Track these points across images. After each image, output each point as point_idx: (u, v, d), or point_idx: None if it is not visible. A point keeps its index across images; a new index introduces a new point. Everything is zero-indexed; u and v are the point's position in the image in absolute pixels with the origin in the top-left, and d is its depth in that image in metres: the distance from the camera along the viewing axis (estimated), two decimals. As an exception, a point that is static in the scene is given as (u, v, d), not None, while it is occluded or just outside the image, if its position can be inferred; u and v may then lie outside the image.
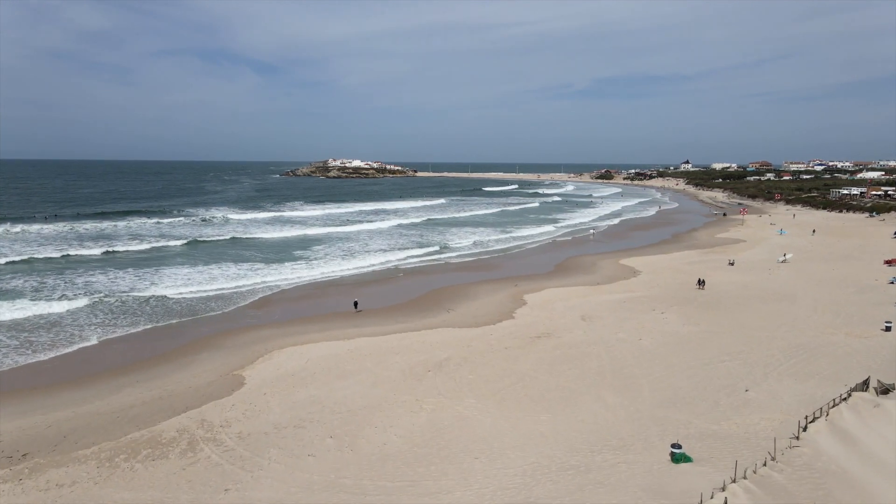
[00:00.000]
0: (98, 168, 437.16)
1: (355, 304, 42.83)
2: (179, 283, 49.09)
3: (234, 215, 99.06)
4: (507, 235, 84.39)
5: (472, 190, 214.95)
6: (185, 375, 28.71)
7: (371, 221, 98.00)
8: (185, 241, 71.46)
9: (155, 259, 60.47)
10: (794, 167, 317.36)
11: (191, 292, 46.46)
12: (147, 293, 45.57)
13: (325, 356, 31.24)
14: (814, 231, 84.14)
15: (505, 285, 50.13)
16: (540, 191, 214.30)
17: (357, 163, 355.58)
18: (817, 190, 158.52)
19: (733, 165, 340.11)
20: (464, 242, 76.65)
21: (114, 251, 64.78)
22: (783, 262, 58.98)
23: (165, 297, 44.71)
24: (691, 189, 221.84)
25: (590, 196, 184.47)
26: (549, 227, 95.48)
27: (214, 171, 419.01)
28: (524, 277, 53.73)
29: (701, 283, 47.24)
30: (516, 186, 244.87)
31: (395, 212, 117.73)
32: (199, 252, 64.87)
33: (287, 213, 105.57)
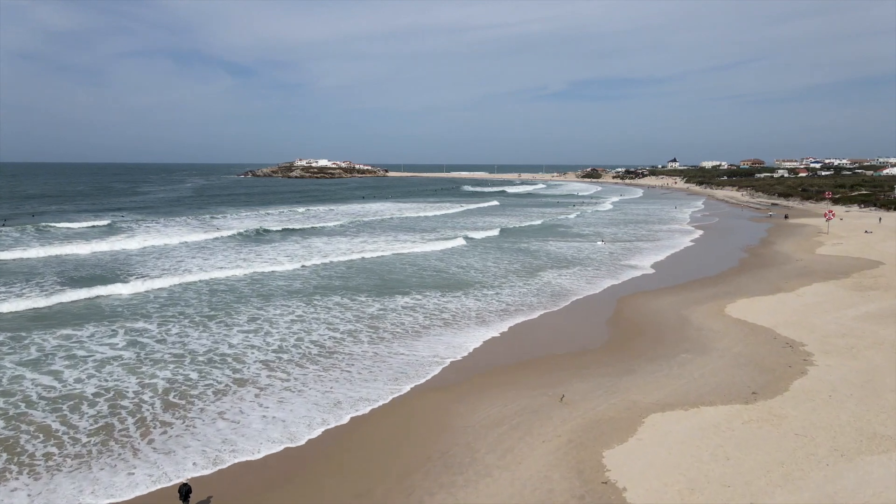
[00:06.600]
0: (51, 169, 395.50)
1: (183, 494, 14.48)
2: None
3: (75, 247, 66.84)
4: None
5: (486, 194, 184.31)
6: None
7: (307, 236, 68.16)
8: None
9: None
10: (787, 164, 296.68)
11: None
12: None
13: None
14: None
15: (538, 399, 21.42)
16: (573, 192, 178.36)
17: (324, 162, 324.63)
18: (861, 187, 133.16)
19: (724, 164, 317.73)
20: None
21: None
22: None
23: None
24: (696, 188, 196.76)
25: (617, 198, 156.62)
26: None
27: (178, 172, 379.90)
28: (566, 360, 25.06)
29: None
30: (544, 186, 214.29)
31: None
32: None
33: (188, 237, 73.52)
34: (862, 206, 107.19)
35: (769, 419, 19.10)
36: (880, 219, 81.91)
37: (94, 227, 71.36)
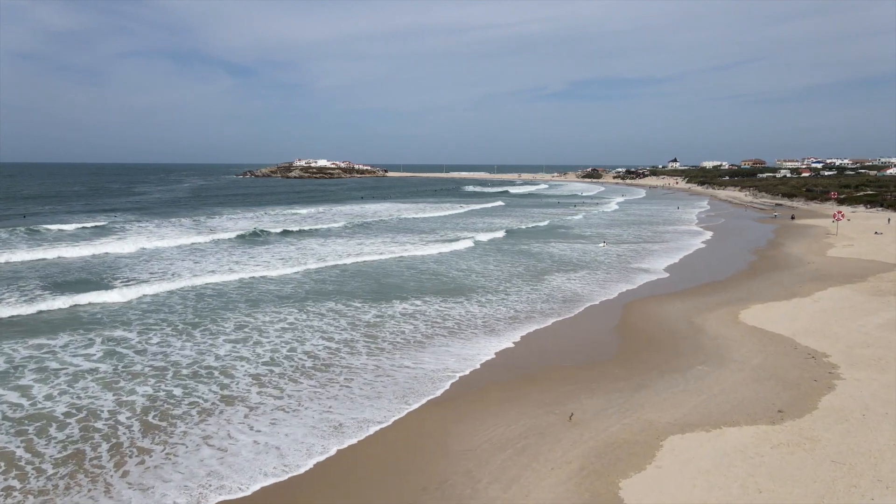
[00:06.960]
0: (50, 169, 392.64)
1: None
2: None
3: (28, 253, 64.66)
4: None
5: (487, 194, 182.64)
6: None
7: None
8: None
9: None
10: (788, 164, 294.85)
11: None
12: None
13: None
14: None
15: (545, 417, 19.78)
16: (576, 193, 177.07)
17: (322, 162, 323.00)
18: (866, 187, 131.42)
19: (725, 164, 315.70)
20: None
21: None
22: None
23: None
24: (698, 188, 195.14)
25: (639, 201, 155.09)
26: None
27: (177, 172, 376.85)
28: (574, 373, 23.41)
29: None
30: (546, 187, 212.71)
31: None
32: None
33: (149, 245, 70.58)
34: (868, 206, 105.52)
35: (800, 443, 17.44)
36: (889, 219, 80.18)
37: (85, 228, 69.70)
